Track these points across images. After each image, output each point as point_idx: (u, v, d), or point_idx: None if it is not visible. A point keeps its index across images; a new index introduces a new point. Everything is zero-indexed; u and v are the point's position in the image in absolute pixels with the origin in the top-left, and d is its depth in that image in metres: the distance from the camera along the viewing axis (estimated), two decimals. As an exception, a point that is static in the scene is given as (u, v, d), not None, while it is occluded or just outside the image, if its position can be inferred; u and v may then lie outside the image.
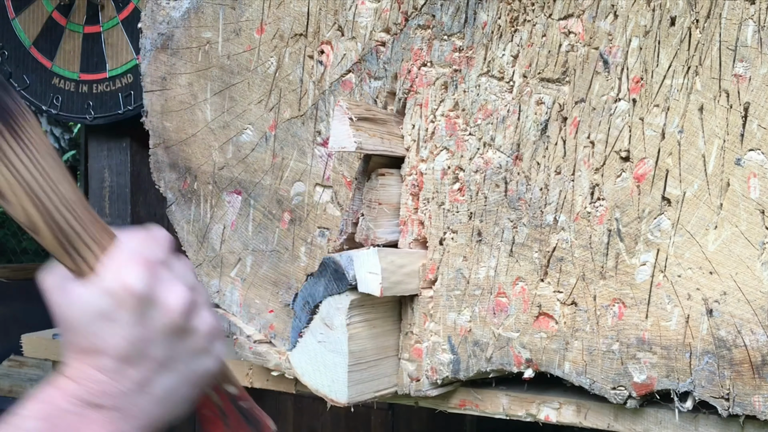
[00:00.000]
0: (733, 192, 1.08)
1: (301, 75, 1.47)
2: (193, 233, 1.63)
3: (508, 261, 1.25)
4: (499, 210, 1.26)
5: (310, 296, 1.30)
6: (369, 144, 1.26)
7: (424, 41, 1.33)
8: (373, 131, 1.28)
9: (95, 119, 2.18)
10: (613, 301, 1.17)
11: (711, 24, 1.09)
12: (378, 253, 1.23)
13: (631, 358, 1.16)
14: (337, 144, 1.25)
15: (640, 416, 1.22)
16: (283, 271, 1.52)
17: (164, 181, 1.66)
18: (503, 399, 1.34)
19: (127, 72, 2.15)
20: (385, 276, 1.24)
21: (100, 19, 2.19)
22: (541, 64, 1.22)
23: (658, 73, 1.13)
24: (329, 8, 1.43)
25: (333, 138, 1.25)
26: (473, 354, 1.29)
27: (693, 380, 1.12)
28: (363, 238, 1.31)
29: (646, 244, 1.14)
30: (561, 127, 1.21)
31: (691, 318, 1.12)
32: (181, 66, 1.61)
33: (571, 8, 1.19)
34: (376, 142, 1.28)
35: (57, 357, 2.02)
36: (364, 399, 1.31)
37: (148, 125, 1.66)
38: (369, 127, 1.27)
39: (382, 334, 1.33)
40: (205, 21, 1.57)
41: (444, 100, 1.31)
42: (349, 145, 1.23)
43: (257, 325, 1.55)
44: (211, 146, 1.59)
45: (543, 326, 1.23)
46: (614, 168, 1.16)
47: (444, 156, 1.31)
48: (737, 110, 1.08)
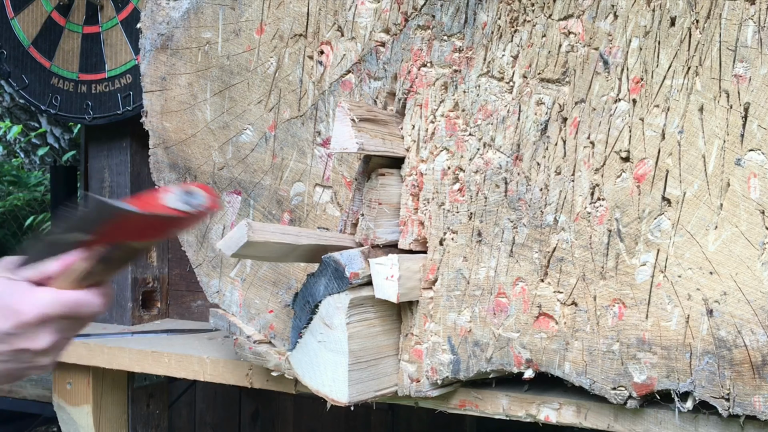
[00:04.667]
0: (734, 192, 1.08)
1: (301, 75, 1.47)
2: (193, 233, 1.63)
3: (508, 261, 1.25)
4: (499, 210, 1.26)
5: (310, 296, 1.30)
6: (370, 145, 1.26)
7: (424, 42, 1.33)
8: (375, 132, 1.28)
9: (94, 119, 2.18)
10: (614, 301, 1.17)
11: (711, 24, 1.09)
12: (398, 261, 1.24)
13: (631, 358, 1.16)
14: (338, 145, 1.25)
15: (640, 416, 1.22)
16: (283, 271, 1.52)
17: (164, 181, 1.66)
18: (503, 399, 1.34)
19: (126, 72, 2.14)
20: (402, 282, 1.25)
21: (99, 20, 2.19)
22: (541, 65, 1.22)
23: (658, 73, 1.13)
24: (329, 8, 1.43)
25: (335, 139, 1.25)
26: (473, 354, 1.29)
27: (693, 380, 1.12)
28: (363, 238, 1.32)
29: (646, 245, 1.14)
30: (561, 127, 1.21)
31: (691, 318, 1.12)
32: (181, 66, 1.61)
33: (571, 9, 1.19)
34: (378, 143, 1.28)
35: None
36: (365, 398, 1.31)
37: (147, 125, 1.66)
38: (370, 128, 1.27)
39: (382, 333, 1.33)
40: (204, 21, 1.57)
41: (444, 101, 1.31)
42: (350, 146, 1.23)
43: (257, 326, 1.55)
44: (210, 146, 1.59)
45: (543, 326, 1.23)
46: (614, 168, 1.16)
47: (444, 156, 1.31)
48: (737, 110, 1.08)
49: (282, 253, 1.25)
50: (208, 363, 1.76)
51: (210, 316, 1.63)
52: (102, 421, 2.12)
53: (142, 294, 2.27)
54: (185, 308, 2.34)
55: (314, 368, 1.32)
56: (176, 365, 1.81)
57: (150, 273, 2.29)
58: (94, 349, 1.96)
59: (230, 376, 1.72)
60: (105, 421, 2.13)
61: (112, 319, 2.26)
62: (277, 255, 1.25)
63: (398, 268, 1.25)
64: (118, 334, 2.06)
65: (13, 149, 5.81)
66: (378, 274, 1.26)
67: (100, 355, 1.95)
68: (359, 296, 1.27)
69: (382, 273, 1.25)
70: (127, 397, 2.19)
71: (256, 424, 3.07)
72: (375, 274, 1.26)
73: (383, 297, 1.26)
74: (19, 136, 5.38)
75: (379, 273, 1.26)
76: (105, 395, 2.12)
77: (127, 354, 1.90)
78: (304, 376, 1.34)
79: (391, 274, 1.25)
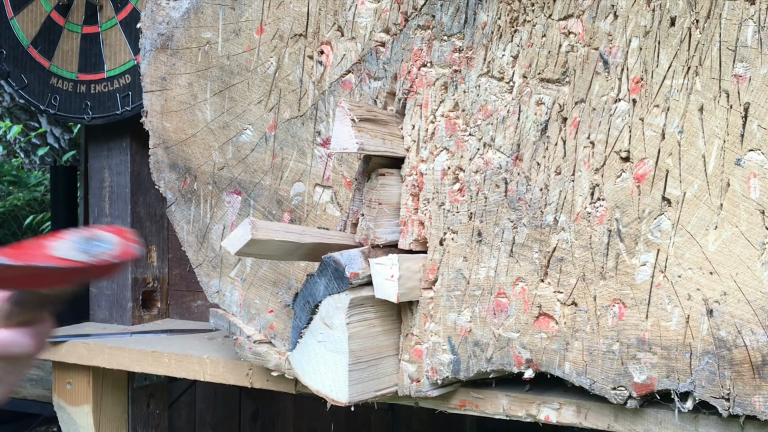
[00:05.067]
0: (734, 192, 1.08)
1: (301, 75, 1.47)
2: (193, 233, 1.63)
3: (508, 261, 1.25)
4: (499, 210, 1.26)
5: (310, 296, 1.30)
6: (371, 145, 1.26)
7: (424, 42, 1.33)
8: (375, 132, 1.28)
9: (93, 119, 2.18)
10: (614, 301, 1.17)
11: (711, 24, 1.09)
12: (398, 261, 1.24)
13: (631, 358, 1.16)
14: (338, 145, 1.25)
15: (640, 416, 1.22)
16: (283, 271, 1.52)
17: (164, 181, 1.66)
18: (503, 399, 1.34)
19: (125, 72, 2.14)
20: (402, 282, 1.25)
21: (99, 20, 2.19)
22: (541, 65, 1.22)
23: (658, 73, 1.13)
24: (329, 8, 1.43)
25: (335, 139, 1.25)
26: (473, 354, 1.29)
27: (693, 380, 1.12)
28: (363, 238, 1.32)
29: (646, 245, 1.14)
30: (561, 127, 1.21)
31: (691, 318, 1.12)
32: (181, 66, 1.61)
33: (571, 8, 1.19)
34: (378, 143, 1.28)
35: (57, 357, 2.02)
36: (365, 398, 1.31)
37: (147, 125, 1.66)
38: (371, 128, 1.27)
39: (382, 333, 1.33)
40: (204, 21, 1.57)
41: (444, 101, 1.31)
42: (350, 146, 1.23)
43: (257, 325, 1.55)
44: (210, 146, 1.59)
45: (543, 326, 1.23)
46: (614, 168, 1.16)
47: (444, 156, 1.31)
48: (737, 110, 1.08)
49: (285, 251, 1.25)
50: (208, 363, 1.76)
51: (210, 316, 1.63)
52: (102, 421, 2.12)
53: (142, 294, 2.27)
54: (185, 308, 2.34)
55: (314, 368, 1.32)
56: (176, 365, 1.81)
57: (150, 273, 2.29)
58: (94, 349, 1.96)
59: (230, 376, 1.72)
60: (105, 421, 2.13)
61: (112, 319, 2.26)
62: (280, 253, 1.25)
63: (398, 268, 1.25)
64: (118, 334, 2.06)
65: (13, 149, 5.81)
66: (378, 274, 1.26)
67: (100, 355, 1.95)
68: (359, 296, 1.27)
69: (382, 273, 1.26)
70: (127, 397, 2.20)
71: (256, 424, 3.07)
72: (375, 274, 1.26)
73: (383, 297, 1.26)
74: (19, 136, 5.37)
75: (379, 273, 1.26)
76: (105, 395, 2.12)
77: (127, 354, 1.90)
78: (304, 376, 1.34)
79: (391, 274, 1.25)
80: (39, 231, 5.47)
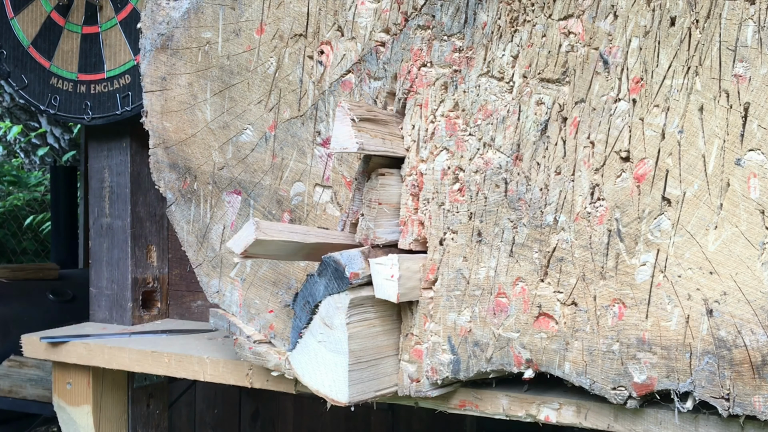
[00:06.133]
0: (733, 192, 1.08)
1: (301, 75, 1.47)
2: (193, 233, 1.63)
3: (508, 261, 1.25)
4: (499, 210, 1.26)
5: (310, 296, 1.30)
6: (371, 145, 1.26)
7: (424, 41, 1.33)
8: (375, 132, 1.28)
9: (93, 120, 2.18)
10: (613, 301, 1.17)
11: (711, 24, 1.09)
12: (398, 261, 1.24)
13: (631, 358, 1.16)
14: (338, 145, 1.25)
15: (640, 416, 1.22)
16: (283, 271, 1.52)
17: (164, 181, 1.66)
18: (503, 399, 1.34)
19: (125, 73, 2.14)
20: (402, 282, 1.25)
21: (99, 20, 2.19)
22: (541, 65, 1.22)
23: (658, 73, 1.13)
24: (329, 8, 1.43)
25: (335, 139, 1.25)
26: (473, 354, 1.29)
27: (693, 380, 1.12)
28: (363, 238, 1.32)
29: (646, 245, 1.14)
30: (561, 127, 1.21)
31: (691, 318, 1.12)
32: (181, 66, 1.61)
33: (571, 8, 1.19)
34: (378, 143, 1.28)
35: (57, 358, 2.02)
36: (365, 398, 1.31)
37: (147, 125, 1.66)
38: (371, 127, 1.27)
39: (382, 333, 1.33)
40: (204, 21, 1.57)
41: (444, 101, 1.31)
42: (350, 145, 1.23)
43: (257, 325, 1.55)
44: (210, 146, 1.59)
45: (543, 326, 1.23)
46: (614, 168, 1.16)
47: (444, 156, 1.31)
48: (737, 110, 1.08)
49: (289, 251, 1.25)
50: (208, 363, 1.76)
51: (210, 316, 1.63)
52: (102, 421, 2.12)
53: (142, 294, 2.27)
54: (185, 308, 2.34)
55: (314, 368, 1.32)
56: (176, 365, 1.81)
57: (150, 273, 2.29)
58: (94, 349, 1.96)
59: (230, 376, 1.72)
60: (105, 421, 2.13)
61: (112, 319, 2.26)
62: (284, 253, 1.26)
63: (398, 268, 1.25)
64: (118, 334, 2.06)
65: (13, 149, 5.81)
66: (378, 274, 1.26)
67: (100, 355, 1.95)
68: (359, 296, 1.27)
69: (382, 273, 1.26)
70: (127, 397, 2.20)
71: (256, 424, 3.07)
72: (375, 274, 1.26)
73: (383, 297, 1.26)
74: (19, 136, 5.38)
75: (379, 273, 1.26)
76: (105, 395, 2.12)
77: (127, 354, 1.90)
78: (304, 376, 1.34)
79: (391, 274, 1.25)
80: (39, 231, 5.48)
